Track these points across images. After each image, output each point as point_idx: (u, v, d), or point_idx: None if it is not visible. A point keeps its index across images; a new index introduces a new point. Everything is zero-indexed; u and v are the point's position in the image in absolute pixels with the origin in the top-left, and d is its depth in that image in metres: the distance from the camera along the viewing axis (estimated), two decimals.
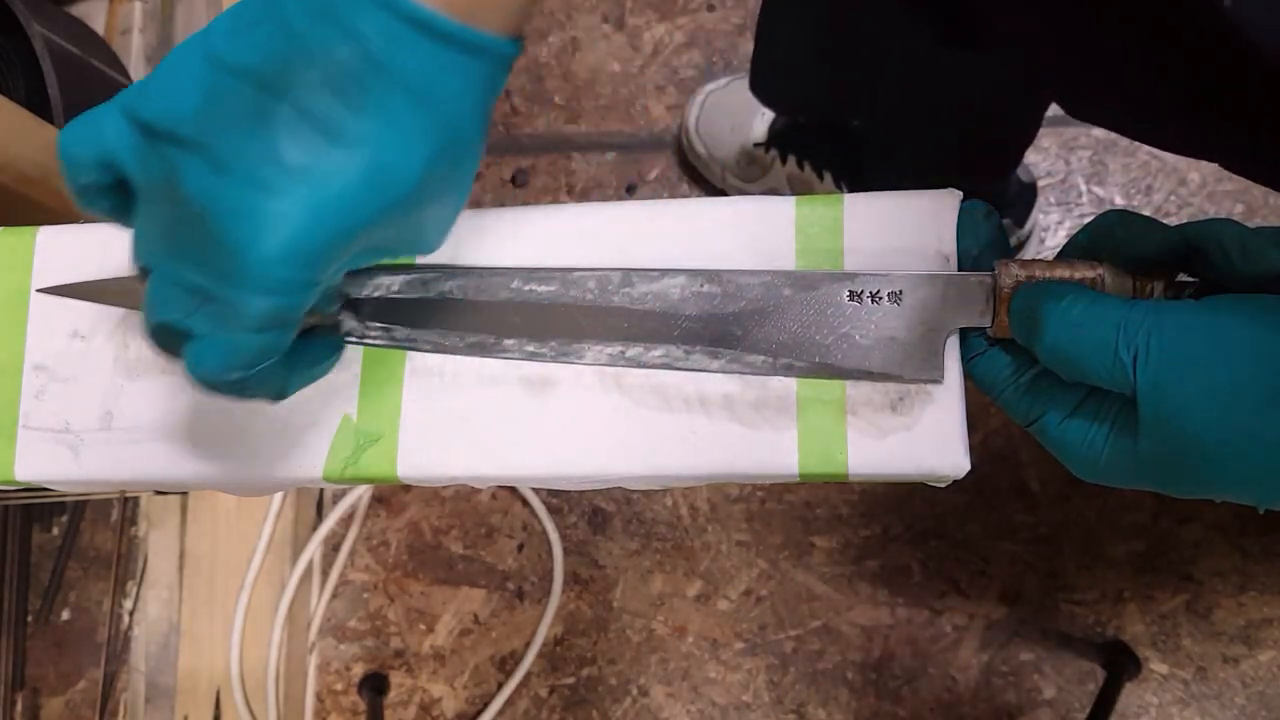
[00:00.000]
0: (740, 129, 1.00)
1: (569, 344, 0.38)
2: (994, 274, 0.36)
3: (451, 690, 1.03)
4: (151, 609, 1.01)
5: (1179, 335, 0.31)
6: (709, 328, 0.38)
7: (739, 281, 0.38)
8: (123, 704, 1.01)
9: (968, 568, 0.99)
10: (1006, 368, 0.36)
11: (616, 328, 0.38)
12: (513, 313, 0.39)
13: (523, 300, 0.38)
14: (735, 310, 0.38)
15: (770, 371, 0.37)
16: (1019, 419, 0.36)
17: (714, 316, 0.38)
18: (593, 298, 0.38)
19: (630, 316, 0.38)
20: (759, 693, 0.99)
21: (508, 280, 0.39)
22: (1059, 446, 0.35)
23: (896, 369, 0.37)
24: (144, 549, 1.02)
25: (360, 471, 0.39)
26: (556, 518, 1.03)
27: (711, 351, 0.38)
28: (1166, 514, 0.97)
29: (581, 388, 0.39)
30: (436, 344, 0.39)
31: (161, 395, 0.41)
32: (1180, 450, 0.31)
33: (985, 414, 1.00)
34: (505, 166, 1.09)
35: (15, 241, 0.43)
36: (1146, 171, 1.02)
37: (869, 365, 0.37)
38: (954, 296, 0.37)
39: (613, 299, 0.38)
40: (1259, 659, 0.95)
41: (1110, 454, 0.33)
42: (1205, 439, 0.30)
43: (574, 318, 0.38)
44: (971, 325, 0.37)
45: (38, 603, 1.03)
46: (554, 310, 0.38)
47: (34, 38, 0.88)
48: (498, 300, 0.39)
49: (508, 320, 0.39)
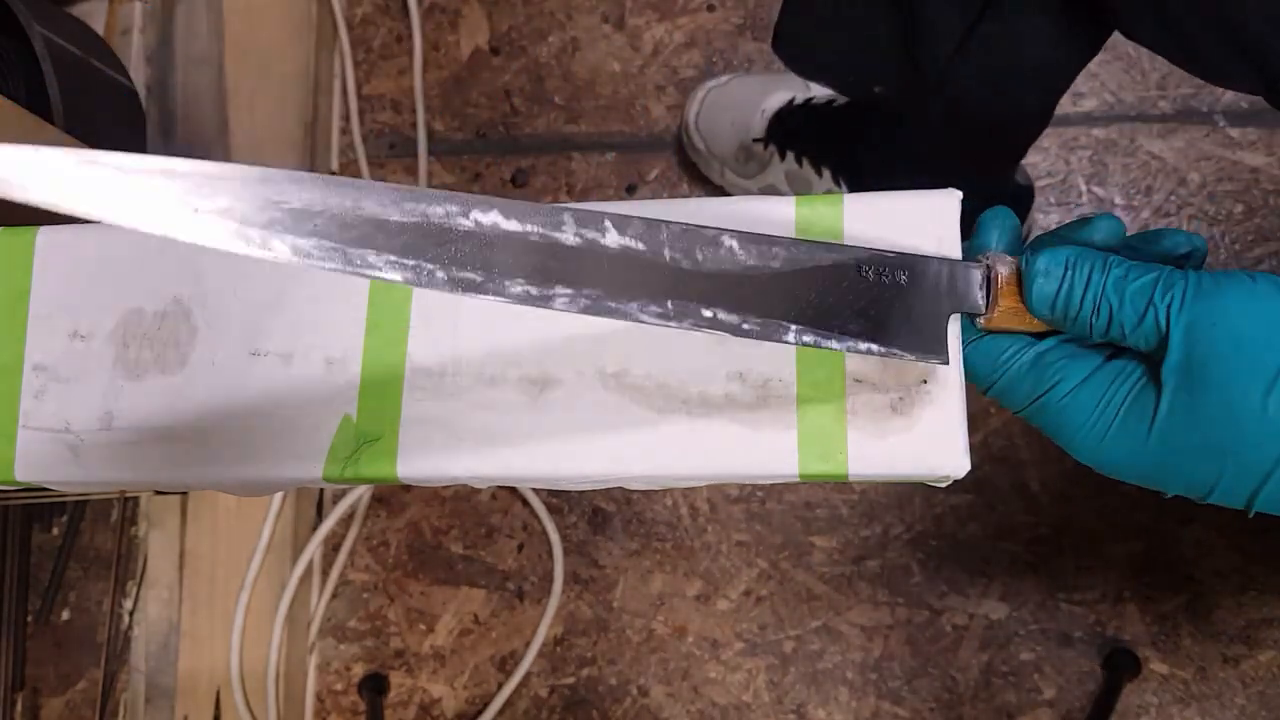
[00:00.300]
0: (740, 125, 1.00)
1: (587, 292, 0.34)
2: (989, 263, 0.37)
3: (451, 690, 1.03)
4: (151, 609, 1.01)
5: (1213, 289, 0.32)
6: (721, 289, 0.35)
7: (755, 244, 0.36)
8: (123, 704, 1.01)
9: (968, 568, 0.99)
10: (1007, 348, 0.37)
11: (629, 280, 0.35)
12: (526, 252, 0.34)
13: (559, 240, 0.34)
14: (750, 271, 0.36)
15: (779, 337, 0.36)
16: (1020, 399, 0.37)
17: (729, 276, 0.36)
18: (610, 244, 0.35)
19: (647, 269, 0.35)
20: (759, 693, 0.99)
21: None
22: (1062, 422, 0.35)
23: (907, 347, 0.37)
24: (144, 549, 1.02)
25: (360, 471, 0.39)
26: (556, 518, 1.03)
27: (728, 312, 0.36)
28: (1166, 514, 0.97)
29: (582, 387, 0.39)
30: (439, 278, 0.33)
31: (161, 395, 0.41)
32: (1201, 411, 0.31)
33: (985, 414, 1.00)
34: (505, 166, 1.09)
35: (15, 241, 0.43)
36: (1146, 172, 1.02)
37: (880, 339, 0.36)
38: (954, 282, 0.37)
39: (633, 246, 0.35)
40: (1259, 659, 0.95)
41: (1121, 423, 0.34)
42: (1232, 392, 0.31)
43: (593, 266, 0.34)
44: (970, 311, 0.37)
45: (38, 603, 1.03)
46: (573, 254, 0.34)
47: (34, 38, 0.88)
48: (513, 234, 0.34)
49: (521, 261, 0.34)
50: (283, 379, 0.40)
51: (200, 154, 1.06)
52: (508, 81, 1.11)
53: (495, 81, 1.11)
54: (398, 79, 1.12)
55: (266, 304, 0.41)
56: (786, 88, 1.00)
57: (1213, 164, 1.01)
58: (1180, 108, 1.03)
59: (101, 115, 0.94)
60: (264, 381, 0.40)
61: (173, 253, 0.42)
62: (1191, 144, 1.02)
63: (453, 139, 1.11)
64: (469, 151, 1.10)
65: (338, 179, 0.34)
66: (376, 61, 1.13)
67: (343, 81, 1.13)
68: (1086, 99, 1.04)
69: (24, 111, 0.76)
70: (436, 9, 1.13)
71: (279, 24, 1.08)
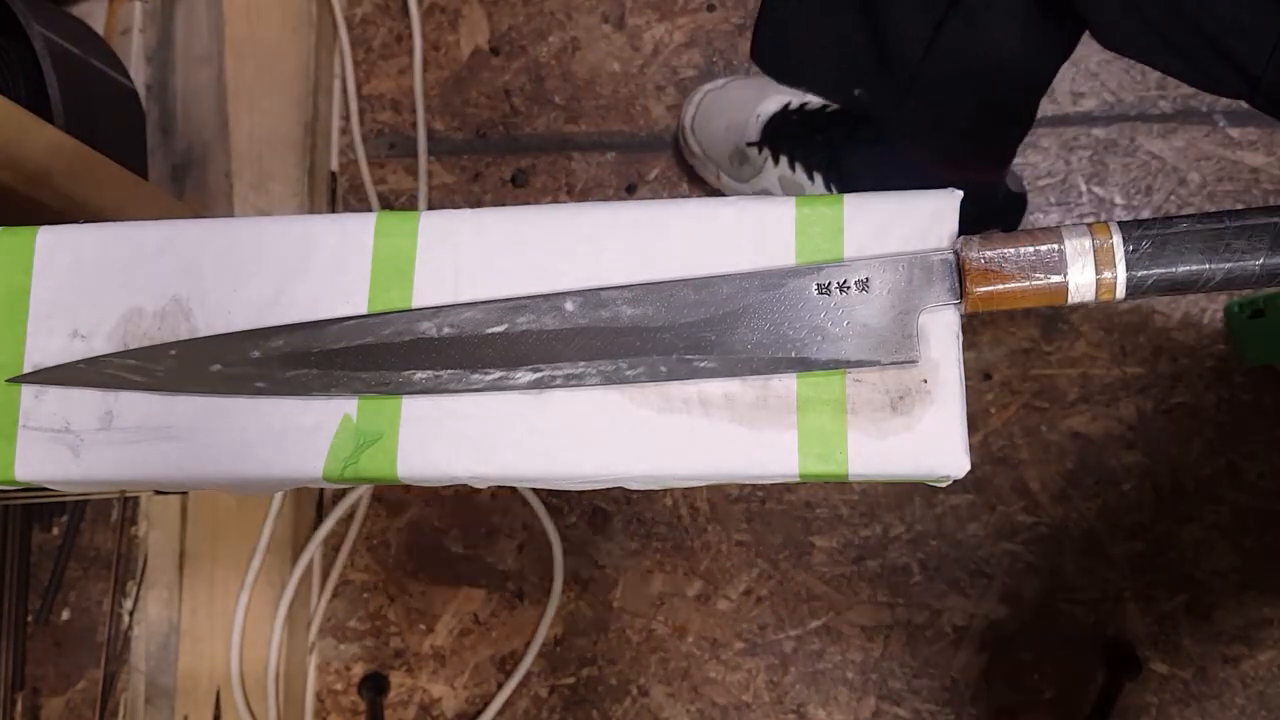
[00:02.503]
0: (734, 129, 1.00)
1: (546, 367, 0.38)
2: (957, 251, 0.37)
3: (451, 690, 1.03)
4: (151, 609, 1.01)
5: None
6: (682, 337, 0.38)
7: (707, 288, 0.38)
8: (123, 704, 1.01)
9: (968, 568, 0.99)
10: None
11: (587, 347, 0.38)
12: (485, 345, 0.39)
13: (491, 332, 0.39)
14: (707, 317, 0.38)
15: (749, 371, 0.38)
16: None
17: (686, 326, 0.38)
18: (562, 321, 0.39)
19: (603, 335, 0.38)
20: (759, 693, 0.99)
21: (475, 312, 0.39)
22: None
23: (871, 355, 0.37)
24: (144, 549, 1.02)
25: (360, 471, 0.39)
26: (556, 518, 1.03)
27: (687, 360, 0.38)
28: (1166, 514, 0.97)
29: (582, 388, 0.39)
30: (406, 385, 0.39)
31: (161, 395, 0.41)
32: None
33: (985, 414, 1.00)
34: (505, 166, 1.09)
35: (15, 241, 0.43)
36: (1146, 171, 1.02)
37: (844, 355, 0.37)
38: (920, 277, 0.37)
39: (579, 320, 0.38)
40: (1259, 659, 0.95)
41: None
42: None
43: (548, 343, 0.38)
44: (942, 303, 0.37)
45: (38, 603, 1.03)
46: (526, 338, 0.39)
47: (34, 38, 0.88)
48: (467, 336, 0.39)
49: (482, 353, 0.39)
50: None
51: (200, 154, 1.06)
52: (508, 81, 1.11)
53: (495, 81, 1.11)
54: (398, 79, 1.12)
55: (266, 304, 0.41)
56: (781, 93, 1.00)
57: (1213, 164, 1.01)
58: (1180, 108, 1.03)
59: (101, 115, 0.94)
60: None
61: (172, 252, 0.42)
62: (1191, 144, 1.02)
63: (453, 139, 1.11)
64: (469, 151, 1.10)
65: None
66: (376, 61, 1.13)
67: (343, 81, 1.13)
68: (1086, 99, 1.04)
69: (24, 111, 0.76)
70: (436, 9, 1.13)
71: (279, 24, 1.08)
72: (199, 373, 0.40)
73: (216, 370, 0.40)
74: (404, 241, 0.41)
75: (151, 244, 0.42)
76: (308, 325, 0.40)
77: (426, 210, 0.48)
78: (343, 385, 0.39)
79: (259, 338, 0.40)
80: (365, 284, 0.41)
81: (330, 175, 1.11)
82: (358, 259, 0.41)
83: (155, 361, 0.40)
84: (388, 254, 0.41)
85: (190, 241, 0.42)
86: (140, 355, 0.40)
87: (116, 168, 0.85)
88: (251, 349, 0.40)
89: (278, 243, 0.42)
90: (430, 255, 0.41)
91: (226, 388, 0.40)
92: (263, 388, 0.39)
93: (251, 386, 0.39)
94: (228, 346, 0.40)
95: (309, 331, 0.40)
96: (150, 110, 1.06)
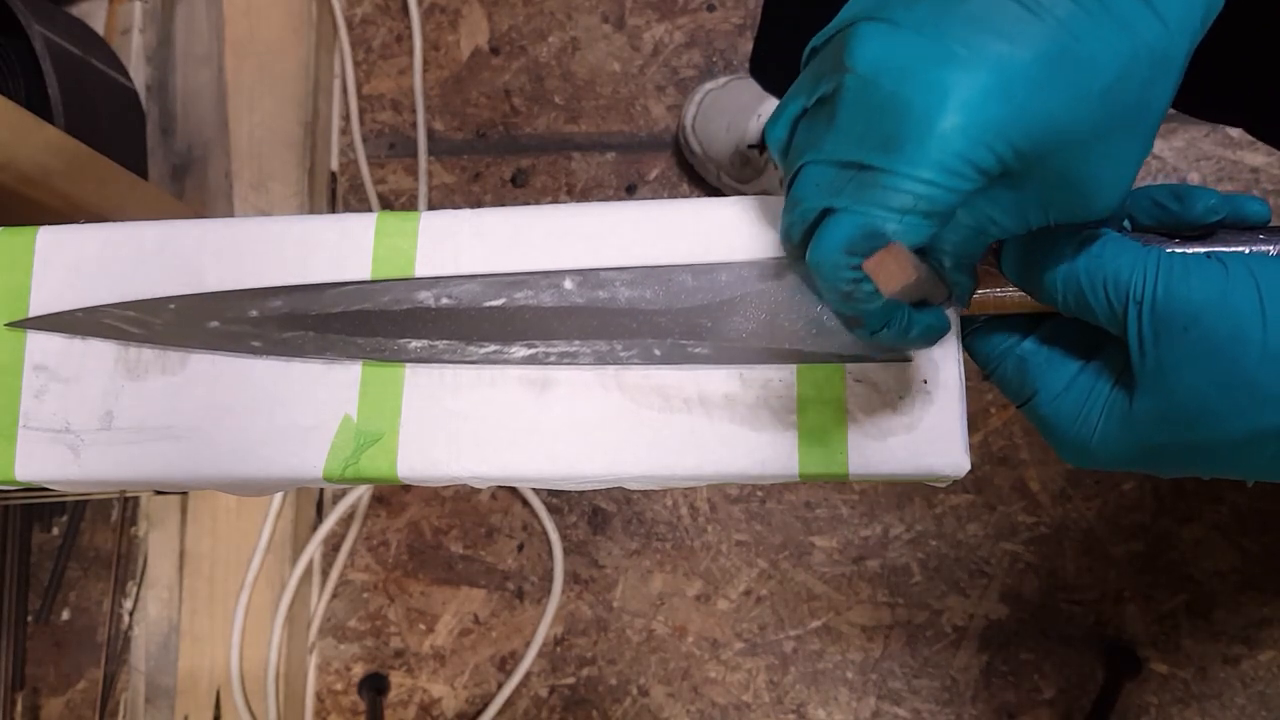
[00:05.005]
0: (735, 129, 1.00)
1: (540, 344, 0.39)
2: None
3: (451, 690, 1.03)
4: (151, 609, 1.01)
5: (1183, 288, 0.30)
6: (678, 322, 0.38)
7: (706, 275, 0.38)
8: (123, 704, 1.01)
9: (968, 568, 0.99)
10: (997, 346, 0.37)
11: (583, 326, 0.38)
12: (482, 318, 0.39)
13: (490, 305, 0.39)
14: (704, 303, 0.38)
15: (743, 360, 0.38)
16: (1012, 399, 0.37)
17: (683, 311, 0.38)
18: (560, 299, 0.39)
19: (599, 315, 0.38)
20: (759, 693, 0.99)
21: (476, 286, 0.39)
22: (1051, 425, 0.35)
23: (867, 350, 0.37)
24: (144, 549, 1.02)
25: (360, 471, 0.39)
26: (556, 518, 1.03)
27: (681, 345, 0.38)
28: (1166, 514, 0.97)
29: (582, 388, 0.39)
30: (402, 353, 0.39)
31: (161, 395, 0.41)
32: (1175, 403, 0.31)
33: (985, 414, 1.00)
34: (505, 166, 1.09)
35: (15, 241, 0.43)
36: (1146, 171, 1.02)
37: (840, 349, 0.37)
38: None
39: (577, 299, 0.38)
40: (1259, 659, 0.95)
41: (1104, 424, 0.33)
42: (1206, 396, 0.30)
43: (545, 320, 0.39)
44: (934, 301, 0.37)
45: (38, 603, 1.03)
46: (523, 313, 0.39)
47: (34, 38, 0.88)
48: (465, 307, 0.39)
49: (479, 326, 0.39)
50: (283, 379, 0.40)
51: (200, 154, 1.06)
52: (508, 81, 1.11)
53: (495, 81, 1.11)
54: (398, 79, 1.12)
55: None
56: None
57: (1213, 164, 1.01)
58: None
59: (101, 115, 0.94)
60: (264, 381, 0.40)
61: (172, 252, 0.42)
62: (1191, 144, 1.02)
63: (453, 139, 1.11)
64: (469, 151, 1.10)
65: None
66: (376, 61, 1.13)
67: (343, 81, 1.13)
68: None
69: (24, 111, 0.76)
70: (436, 9, 1.13)
71: (279, 24, 1.08)
72: (196, 328, 0.40)
73: (214, 327, 0.40)
74: (404, 242, 0.41)
75: (151, 244, 0.42)
76: (307, 288, 0.40)
77: (427, 210, 0.48)
78: (338, 349, 0.39)
79: (258, 297, 0.40)
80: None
81: (330, 175, 1.11)
82: (358, 259, 0.41)
83: (154, 314, 0.40)
84: (388, 254, 0.41)
85: (190, 241, 0.42)
86: (139, 307, 0.41)
87: (116, 168, 0.85)
88: (250, 308, 0.40)
89: (278, 243, 0.41)
90: (430, 256, 0.41)
91: (222, 344, 0.40)
92: (258, 347, 0.40)
93: (248, 345, 0.40)
94: (227, 304, 0.40)
95: (308, 294, 0.40)
96: (150, 110, 1.06)
